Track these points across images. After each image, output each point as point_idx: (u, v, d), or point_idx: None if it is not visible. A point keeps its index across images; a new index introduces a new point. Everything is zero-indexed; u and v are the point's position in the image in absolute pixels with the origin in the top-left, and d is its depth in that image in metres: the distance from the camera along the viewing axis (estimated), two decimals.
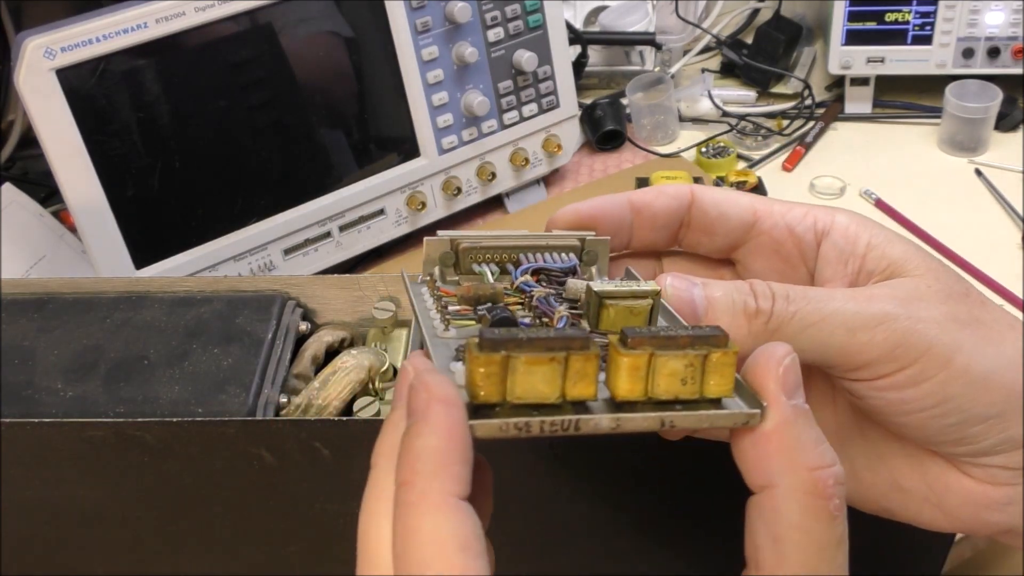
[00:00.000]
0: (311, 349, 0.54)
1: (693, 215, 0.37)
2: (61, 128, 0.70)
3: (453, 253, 0.35)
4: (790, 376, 0.28)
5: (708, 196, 0.37)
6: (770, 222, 0.36)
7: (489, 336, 0.26)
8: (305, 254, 0.84)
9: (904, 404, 0.32)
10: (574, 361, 0.26)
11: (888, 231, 0.35)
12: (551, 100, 0.92)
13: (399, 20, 0.81)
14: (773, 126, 1.06)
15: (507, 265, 0.35)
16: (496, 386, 0.26)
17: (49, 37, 0.68)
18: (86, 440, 0.46)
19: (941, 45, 1.02)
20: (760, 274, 0.37)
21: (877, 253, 0.34)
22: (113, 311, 0.54)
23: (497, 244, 0.35)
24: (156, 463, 0.47)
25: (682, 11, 1.13)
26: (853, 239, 0.35)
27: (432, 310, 0.33)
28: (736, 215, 0.37)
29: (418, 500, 0.25)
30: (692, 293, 0.32)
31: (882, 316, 0.32)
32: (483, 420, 0.26)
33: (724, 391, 0.28)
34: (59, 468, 0.47)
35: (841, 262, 0.35)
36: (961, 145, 1.00)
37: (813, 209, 0.36)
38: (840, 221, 0.36)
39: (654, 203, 0.37)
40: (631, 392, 0.27)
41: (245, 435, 0.46)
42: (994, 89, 0.98)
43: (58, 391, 0.50)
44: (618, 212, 0.37)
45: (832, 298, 0.32)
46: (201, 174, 0.77)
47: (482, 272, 0.35)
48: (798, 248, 0.36)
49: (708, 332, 0.27)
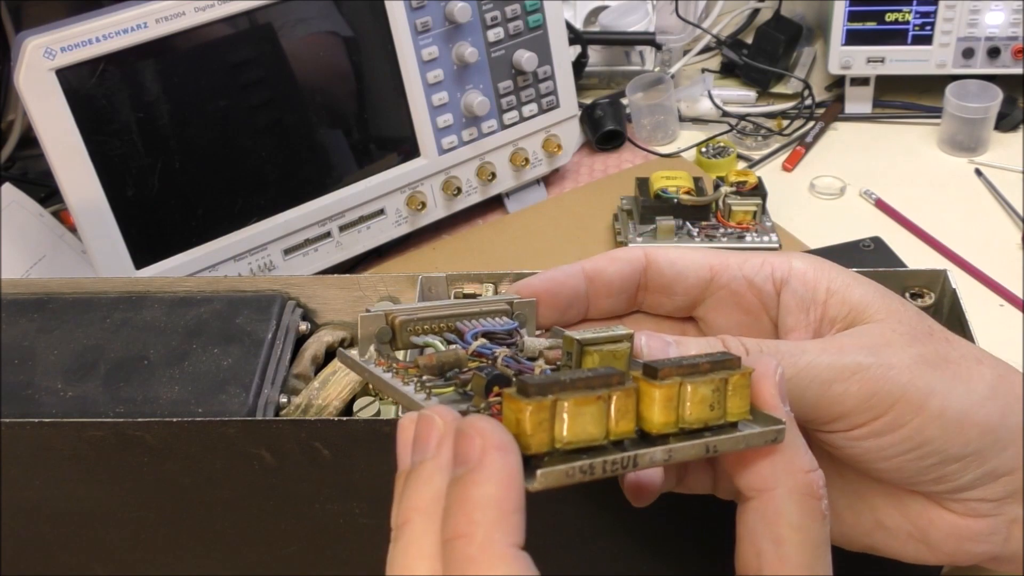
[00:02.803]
0: (311, 349, 0.54)
1: (649, 277, 0.37)
2: (61, 128, 0.70)
3: (389, 328, 0.35)
4: (783, 385, 0.29)
5: (662, 257, 0.37)
6: (727, 276, 0.36)
7: (533, 381, 0.26)
8: (305, 254, 0.84)
9: (881, 451, 0.32)
10: (618, 398, 0.26)
11: (846, 273, 0.35)
12: (551, 100, 0.92)
13: (399, 20, 0.81)
14: (773, 126, 1.06)
15: (446, 335, 0.35)
16: (547, 433, 0.26)
17: (49, 37, 0.68)
18: (86, 440, 0.46)
19: (941, 45, 1.02)
20: (723, 329, 0.37)
21: (837, 299, 0.34)
22: (113, 311, 0.54)
23: (433, 315, 0.35)
24: (156, 463, 0.47)
25: (682, 11, 1.13)
26: (812, 286, 0.35)
27: (400, 383, 0.32)
28: (693, 273, 0.37)
29: (480, 552, 0.24)
30: (667, 352, 0.32)
31: (855, 367, 0.32)
32: (548, 468, 0.25)
33: (744, 413, 0.28)
34: (59, 468, 0.47)
35: (802, 310, 0.35)
36: (961, 145, 1.00)
37: (769, 258, 0.36)
38: (797, 268, 0.35)
39: (607, 269, 0.37)
40: (665, 424, 0.27)
41: (245, 435, 0.46)
42: (994, 89, 0.98)
43: (58, 391, 0.50)
44: (572, 283, 0.37)
45: (804, 351, 0.32)
46: (201, 174, 0.77)
47: (426, 343, 0.34)
48: (759, 299, 0.36)
49: (720, 356, 0.28)
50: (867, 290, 0.34)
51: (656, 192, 0.86)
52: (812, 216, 0.93)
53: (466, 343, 0.34)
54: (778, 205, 0.92)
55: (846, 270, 0.35)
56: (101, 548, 0.51)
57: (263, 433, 0.46)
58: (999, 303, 0.82)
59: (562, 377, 0.26)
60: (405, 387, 0.32)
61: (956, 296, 0.51)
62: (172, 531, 0.50)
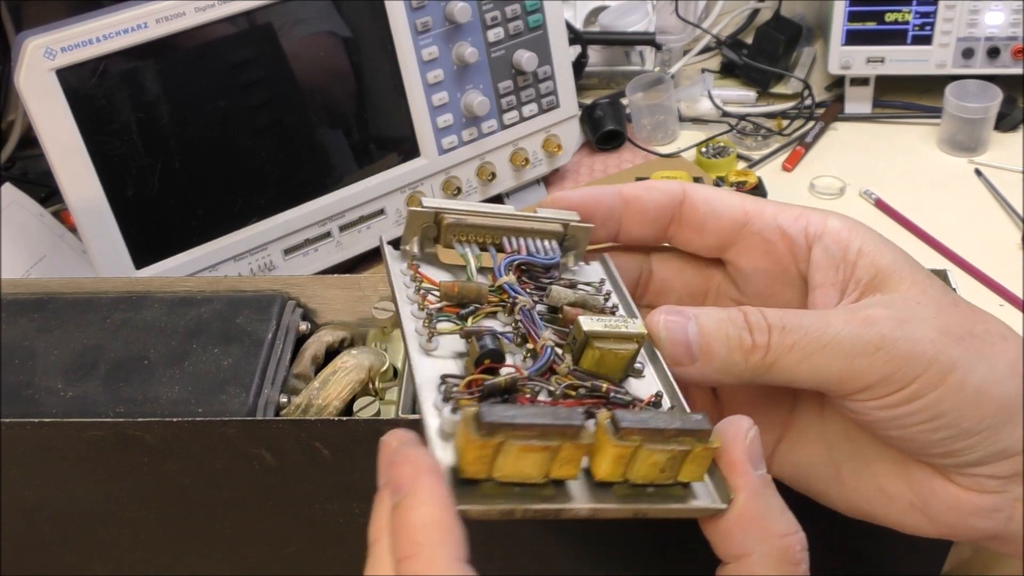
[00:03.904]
0: (311, 349, 0.54)
1: (684, 212, 0.37)
2: (61, 128, 0.70)
3: (435, 227, 0.35)
4: (755, 448, 0.29)
5: (699, 194, 0.37)
6: (761, 223, 0.36)
7: (487, 419, 0.26)
8: (305, 254, 0.84)
9: (895, 419, 0.32)
10: (565, 449, 0.27)
11: (879, 237, 0.35)
12: (551, 100, 0.92)
13: (399, 20, 0.81)
14: (773, 126, 1.06)
15: (489, 247, 0.35)
16: (485, 465, 0.27)
17: (49, 37, 0.68)
18: (86, 440, 0.46)
19: (941, 45, 1.02)
20: (750, 275, 0.37)
21: (867, 261, 0.34)
22: (113, 311, 0.54)
23: (481, 223, 0.35)
24: (156, 463, 0.47)
25: (682, 11, 1.13)
26: (845, 245, 0.35)
27: (413, 305, 0.33)
28: (727, 214, 0.37)
29: (426, 570, 0.25)
30: (686, 333, 0.32)
31: (879, 341, 0.32)
32: (469, 505, 0.27)
33: (697, 477, 0.29)
34: (59, 468, 0.48)
35: (832, 267, 0.35)
36: (961, 145, 1.00)
37: (806, 211, 0.36)
38: (832, 225, 0.35)
39: (644, 196, 0.37)
40: (611, 475, 0.28)
41: (245, 435, 0.46)
42: (994, 89, 0.98)
43: (58, 391, 0.50)
44: (608, 202, 0.37)
45: (828, 324, 0.32)
46: (201, 174, 0.77)
47: (463, 254, 0.35)
48: (790, 250, 0.36)
49: (694, 425, 0.28)
50: (896, 256, 0.35)
51: None
52: None
53: (498, 271, 0.34)
54: None
55: (878, 234, 0.36)
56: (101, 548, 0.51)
57: (263, 433, 0.46)
58: (999, 303, 0.82)
59: (518, 418, 0.26)
60: (408, 323, 0.33)
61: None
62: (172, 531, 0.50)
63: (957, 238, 0.88)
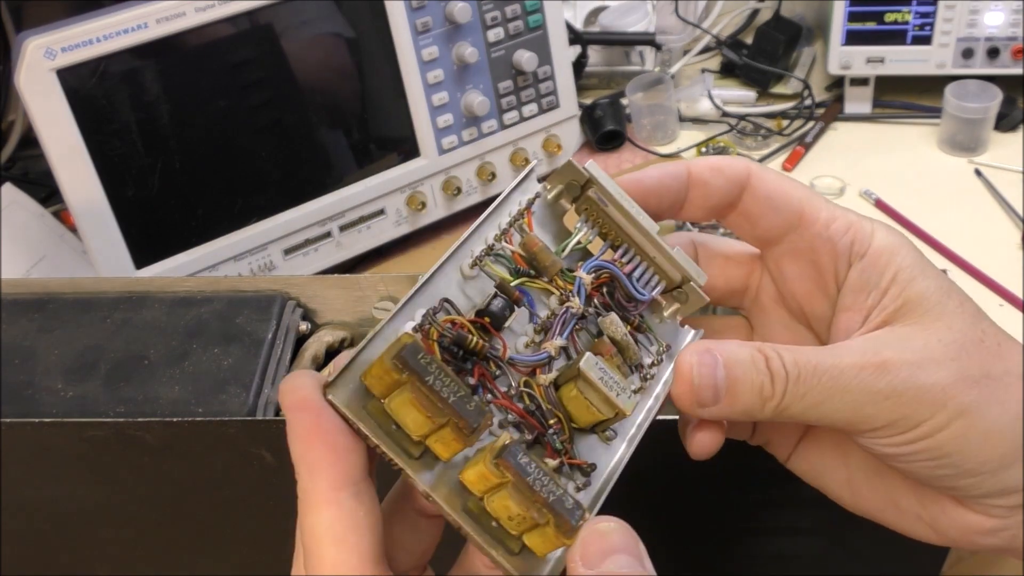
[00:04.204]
0: (311, 349, 0.54)
1: (744, 200, 0.37)
2: (61, 128, 0.70)
3: (579, 189, 0.35)
4: (604, 543, 0.28)
5: (762, 186, 0.37)
6: (813, 231, 0.36)
7: (405, 356, 0.27)
8: (305, 254, 0.84)
9: (901, 456, 0.33)
10: (446, 432, 0.28)
11: (917, 262, 0.35)
12: (551, 100, 0.92)
13: (399, 20, 0.81)
14: (773, 126, 1.06)
15: (606, 240, 0.35)
16: (382, 389, 0.27)
17: (49, 37, 0.68)
18: (86, 440, 0.46)
19: (941, 45, 1.02)
20: (790, 279, 0.37)
21: (897, 290, 0.34)
22: (113, 311, 0.54)
23: (615, 218, 0.34)
24: (156, 463, 0.47)
25: (682, 11, 1.13)
26: (881, 270, 0.35)
27: (493, 230, 0.33)
28: (784, 211, 0.36)
29: (302, 500, 0.28)
30: (715, 377, 0.33)
31: (889, 391, 0.32)
32: (338, 400, 0.28)
33: (537, 550, 0.29)
34: (59, 468, 0.48)
35: (864, 292, 0.35)
36: (961, 145, 1.00)
37: (856, 223, 0.36)
38: (875, 246, 0.35)
39: (710, 182, 0.37)
40: (471, 485, 0.28)
41: (245, 435, 0.46)
42: (994, 89, 0.98)
43: (58, 391, 0.50)
44: (676, 187, 0.37)
45: (841, 373, 0.32)
46: (201, 174, 0.77)
47: (578, 227, 0.34)
48: (832, 263, 0.36)
49: (565, 512, 0.28)
50: (928, 286, 0.34)
51: None
52: None
53: (585, 266, 0.34)
54: None
55: (918, 256, 0.35)
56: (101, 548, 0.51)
57: (263, 433, 0.46)
58: (999, 303, 0.82)
59: (430, 377, 0.27)
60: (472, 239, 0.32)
61: None
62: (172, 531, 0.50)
63: (957, 238, 0.88)
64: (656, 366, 0.35)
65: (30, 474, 0.48)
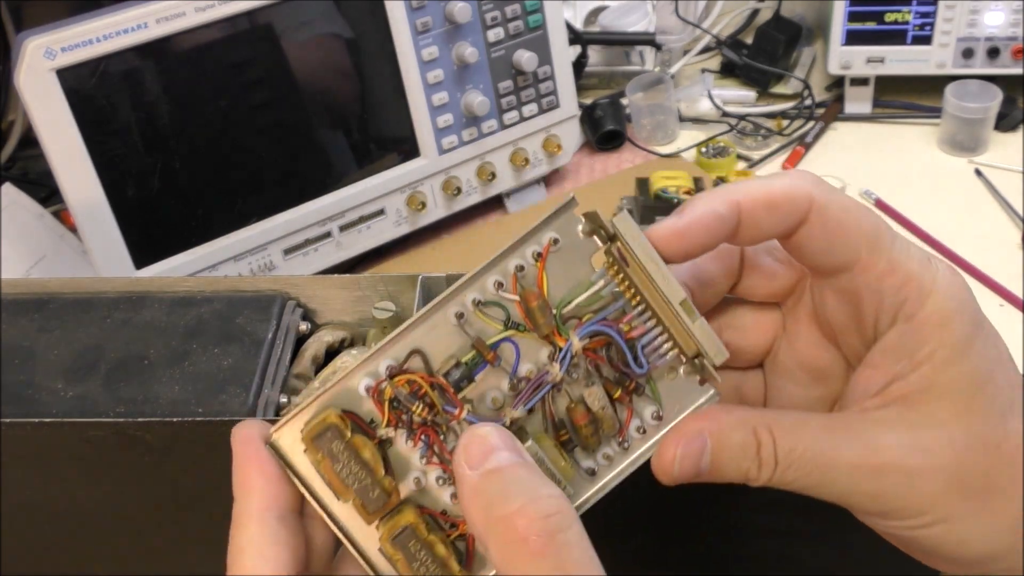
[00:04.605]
0: (311, 349, 0.54)
1: (798, 236, 0.33)
2: (61, 128, 0.70)
3: (605, 236, 0.32)
4: None
5: (822, 223, 0.32)
6: (864, 279, 0.32)
7: (319, 443, 0.30)
8: (305, 254, 0.84)
9: (886, 534, 0.33)
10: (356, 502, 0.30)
11: (964, 339, 0.32)
12: (551, 100, 0.92)
13: (399, 20, 0.81)
14: (773, 126, 1.06)
15: (622, 296, 0.32)
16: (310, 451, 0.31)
17: (49, 37, 0.68)
18: (86, 440, 0.46)
19: (941, 45, 1.02)
20: (831, 311, 0.34)
21: (928, 371, 0.32)
22: (113, 311, 0.54)
23: (635, 279, 0.31)
24: (156, 463, 0.47)
25: (682, 11, 1.13)
26: (922, 342, 0.32)
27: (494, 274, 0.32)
28: (840, 255, 0.32)
29: (233, 521, 0.31)
30: (698, 466, 0.32)
31: (878, 492, 0.31)
32: (281, 445, 0.31)
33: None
34: (59, 468, 0.48)
35: (895, 359, 0.32)
36: (961, 145, 1.00)
37: (913, 281, 0.32)
38: (924, 314, 0.32)
39: (764, 222, 0.32)
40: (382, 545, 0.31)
41: None
42: (994, 89, 0.98)
43: (58, 391, 0.50)
44: (723, 230, 0.32)
45: (834, 469, 0.31)
46: (201, 174, 0.77)
47: (593, 281, 0.32)
48: (875, 314, 0.33)
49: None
50: (965, 373, 0.32)
51: (656, 192, 0.86)
52: None
53: (581, 330, 0.32)
54: None
55: (972, 330, 0.32)
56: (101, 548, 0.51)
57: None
58: (999, 303, 0.82)
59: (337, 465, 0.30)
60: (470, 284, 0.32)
61: None
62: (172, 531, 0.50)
63: (957, 238, 0.88)
64: (643, 432, 0.33)
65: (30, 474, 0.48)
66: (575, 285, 0.32)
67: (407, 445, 0.31)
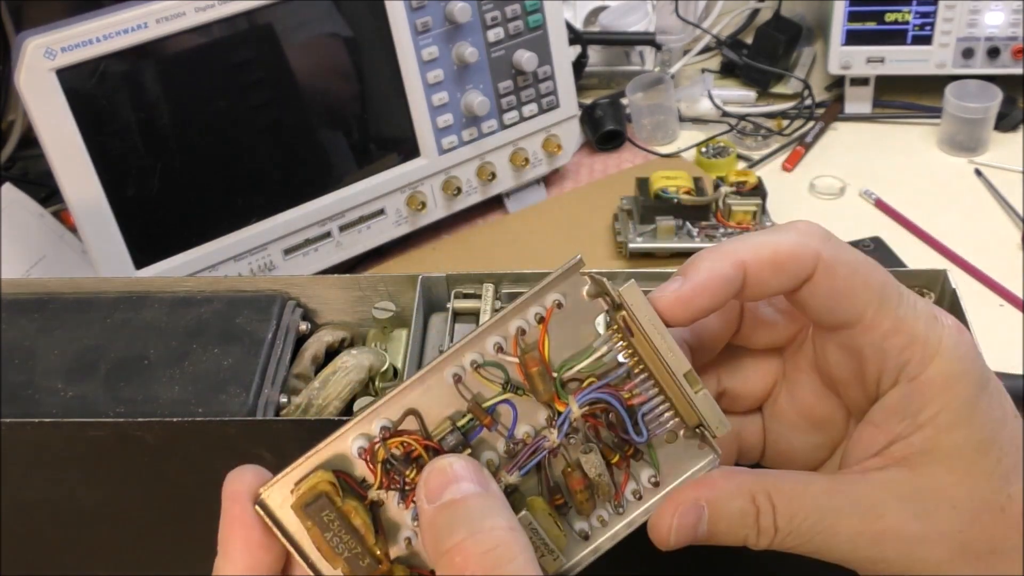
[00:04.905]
0: (311, 349, 0.54)
1: (803, 291, 0.32)
2: (61, 128, 0.70)
3: (611, 306, 0.31)
4: None
5: (827, 283, 0.31)
6: (868, 338, 0.32)
7: (310, 511, 0.29)
8: (305, 254, 0.84)
9: None
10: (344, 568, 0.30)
11: (967, 404, 0.31)
12: (551, 100, 0.92)
13: (399, 20, 0.81)
14: (773, 126, 1.06)
15: (625, 363, 0.31)
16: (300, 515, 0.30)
17: (49, 37, 0.68)
18: (86, 440, 0.46)
19: (941, 45, 1.02)
20: (832, 366, 0.34)
21: (930, 433, 0.31)
22: (113, 311, 0.54)
23: (638, 346, 0.31)
24: (156, 463, 0.47)
25: (682, 11, 1.13)
26: (924, 404, 0.31)
27: (492, 338, 0.31)
28: (844, 314, 0.32)
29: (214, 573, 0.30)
30: (695, 533, 0.31)
31: (880, 559, 0.31)
32: (267, 509, 0.30)
33: None
34: (59, 468, 0.47)
35: (897, 419, 0.32)
36: (961, 145, 1.00)
37: (917, 343, 0.31)
38: (927, 377, 0.31)
39: (769, 282, 0.32)
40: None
41: (245, 435, 0.46)
42: (994, 89, 0.98)
43: (58, 391, 0.50)
44: (728, 292, 0.32)
45: (836, 536, 0.31)
46: (201, 174, 0.77)
47: (597, 347, 0.31)
48: (878, 372, 0.32)
49: None
50: (968, 439, 0.31)
51: (656, 192, 0.86)
52: (812, 216, 0.92)
53: (581, 396, 0.31)
54: (778, 205, 0.92)
55: (975, 395, 0.31)
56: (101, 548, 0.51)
57: (263, 433, 0.46)
58: (999, 303, 0.82)
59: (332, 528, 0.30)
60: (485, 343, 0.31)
61: (956, 296, 0.51)
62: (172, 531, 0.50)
63: (957, 238, 0.88)
64: (639, 495, 0.33)
65: (30, 474, 0.48)
66: (577, 347, 0.32)
67: (399, 507, 0.31)
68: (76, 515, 0.50)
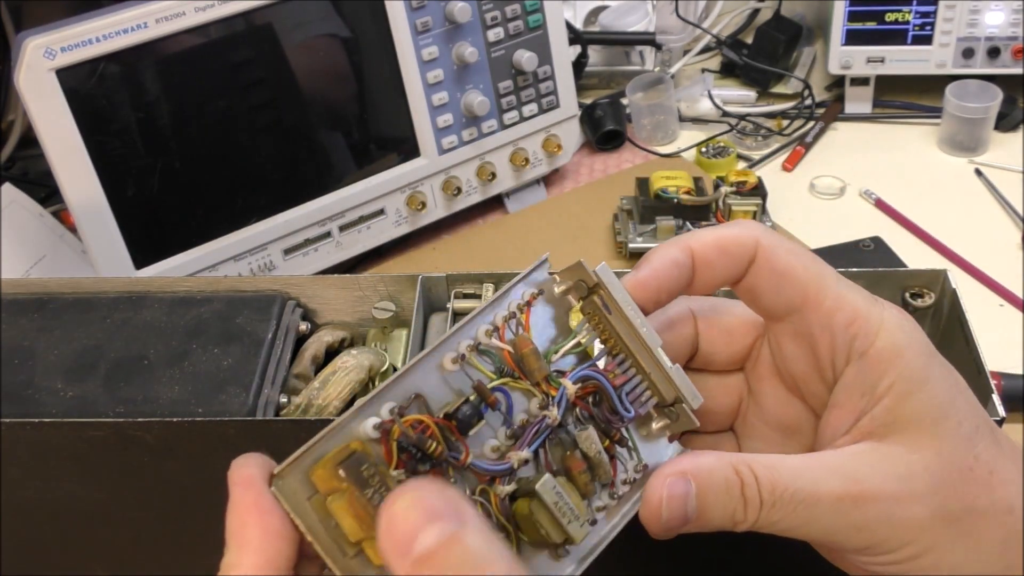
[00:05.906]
0: (311, 349, 0.54)
1: (748, 277, 0.35)
2: (61, 128, 0.70)
3: (587, 289, 0.33)
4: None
5: (768, 264, 0.34)
6: (814, 317, 0.34)
7: (349, 466, 0.28)
8: (305, 254, 0.84)
9: (863, 571, 0.33)
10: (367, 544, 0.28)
11: (920, 370, 0.33)
12: (551, 100, 0.92)
13: (399, 20, 0.81)
14: (773, 126, 1.06)
15: (604, 346, 0.33)
16: (325, 489, 0.28)
17: (49, 37, 0.68)
18: (86, 440, 0.46)
19: (941, 45, 1.02)
20: (788, 359, 0.36)
21: (890, 403, 0.33)
22: (113, 311, 0.54)
23: (616, 327, 0.33)
24: (156, 463, 0.47)
25: (682, 11, 1.13)
26: (879, 376, 0.33)
27: (485, 324, 0.32)
28: (787, 293, 0.34)
29: (222, 569, 0.29)
30: (686, 507, 0.32)
31: (863, 524, 0.32)
32: (282, 495, 0.28)
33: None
34: (59, 468, 0.48)
35: (858, 394, 0.33)
36: (961, 145, 1.00)
37: (860, 318, 0.33)
38: (877, 349, 0.33)
39: (716, 264, 0.35)
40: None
41: (245, 435, 0.46)
42: (994, 89, 0.98)
43: (58, 391, 0.50)
44: (682, 275, 0.35)
45: (819, 503, 0.32)
46: (201, 174, 0.77)
47: (576, 332, 0.33)
48: (831, 354, 0.34)
49: None
50: (926, 403, 0.33)
51: (656, 192, 0.86)
52: (812, 216, 0.93)
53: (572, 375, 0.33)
54: (778, 205, 0.92)
55: (926, 361, 0.33)
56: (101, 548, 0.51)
57: (263, 433, 0.46)
58: (999, 303, 0.82)
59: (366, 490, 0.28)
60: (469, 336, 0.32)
61: (956, 296, 0.51)
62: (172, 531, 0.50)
63: (957, 238, 0.88)
64: (629, 484, 0.34)
65: (30, 474, 0.48)
66: (556, 338, 0.34)
67: None
68: (76, 515, 0.50)
